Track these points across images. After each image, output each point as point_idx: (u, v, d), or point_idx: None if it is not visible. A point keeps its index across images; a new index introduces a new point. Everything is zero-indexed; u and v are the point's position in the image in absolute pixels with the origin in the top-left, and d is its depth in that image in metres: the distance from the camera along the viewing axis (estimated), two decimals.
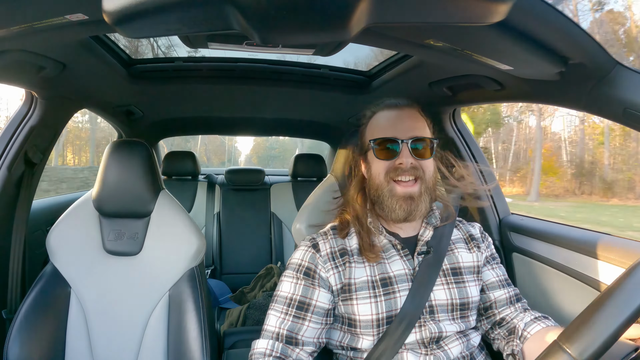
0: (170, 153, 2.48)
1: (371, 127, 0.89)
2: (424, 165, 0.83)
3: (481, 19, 0.51)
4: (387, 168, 0.83)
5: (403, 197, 0.81)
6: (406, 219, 0.83)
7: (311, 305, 0.81)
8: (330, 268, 0.83)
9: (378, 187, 0.84)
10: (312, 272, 0.83)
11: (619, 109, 0.74)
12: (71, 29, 0.71)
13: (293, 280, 0.83)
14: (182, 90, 1.56)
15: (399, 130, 0.83)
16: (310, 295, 0.81)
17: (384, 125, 0.86)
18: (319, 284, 0.82)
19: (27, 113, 1.16)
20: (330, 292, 0.83)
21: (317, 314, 0.81)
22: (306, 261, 0.84)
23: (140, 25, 0.51)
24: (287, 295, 0.82)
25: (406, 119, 0.85)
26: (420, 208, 0.82)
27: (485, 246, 0.92)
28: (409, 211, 0.82)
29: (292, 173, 2.47)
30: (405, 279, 0.82)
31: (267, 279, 2.00)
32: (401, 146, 0.82)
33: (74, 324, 1.03)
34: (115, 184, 1.07)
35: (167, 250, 1.08)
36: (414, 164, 0.81)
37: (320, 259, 0.84)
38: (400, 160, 0.81)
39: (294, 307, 0.81)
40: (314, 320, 0.80)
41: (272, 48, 0.98)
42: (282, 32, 0.53)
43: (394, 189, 0.82)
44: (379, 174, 0.84)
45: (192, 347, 1.01)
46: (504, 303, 0.88)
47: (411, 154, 0.81)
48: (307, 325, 0.80)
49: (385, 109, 0.89)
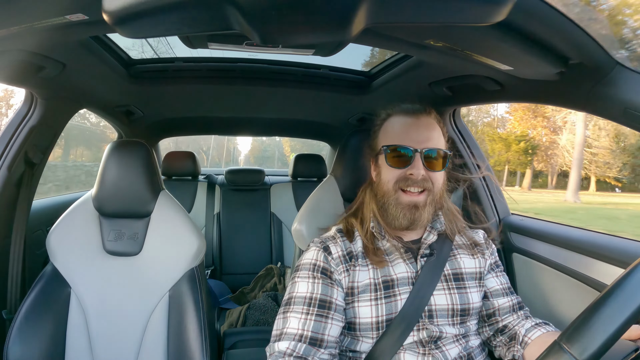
0: (170, 153, 2.48)
1: (385, 131, 0.88)
2: (433, 178, 0.82)
3: (481, 19, 0.51)
4: (398, 177, 0.82)
5: (408, 206, 0.81)
6: (408, 227, 0.83)
7: (332, 304, 0.79)
8: (342, 271, 0.82)
9: (385, 194, 0.84)
10: (328, 271, 0.82)
11: (619, 109, 0.74)
12: (71, 29, 0.71)
13: (310, 280, 0.80)
14: (182, 91, 1.56)
15: (414, 140, 0.82)
16: (330, 293, 0.79)
17: (398, 131, 0.85)
18: (336, 283, 0.81)
19: (27, 113, 1.16)
20: (343, 293, 0.82)
21: (339, 312, 0.79)
22: (321, 261, 0.83)
23: (140, 25, 0.51)
24: (305, 295, 0.79)
25: (422, 128, 0.84)
26: (423, 218, 0.82)
27: (490, 253, 0.92)
28: (411, 220, 0.82)
29: (292, 173, 2.46)
30: (407, 282, 0.82)
31: (267, 279, 2.00)
32: (414, 156, 0.81)
33: (74, 324, 1.03)
34: (115, 184, 1.07)
35: (167, 250, 1.08)
36: (425, 175, 0.81)
37: (333, 261, 0.83)
38: (411, 171, 0.81)
39: (315, 306, 0.77)
40: (336, 319, 0.78)
41: (272, 48, 0.98)
42: (282, 32, 0.53)
43: (400, 198, 0.82)
44: (388, 181, 0.83)
45: (192, 348, 1.01)
46: (507, 311, 0.88)
47: (424, 165, 0.81)
48: (330, 323, 0.77)
49: (401, 114, 0.87)
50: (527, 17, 0.59)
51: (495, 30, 0.62)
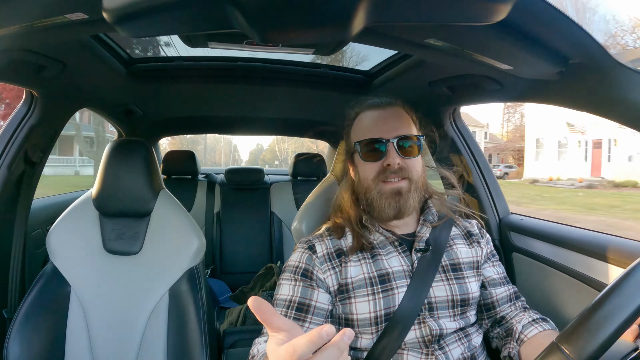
0: (170, 152, 2.48)
1: (355, 129, 0.89)
2: (410, 165, 0.82)
3: (481, 19, 0.51)
4: (376, 171, 0.82)
5: (391, 193, 0.81)
6: (396, 216, 0.83)
7: (311, 307, 0.80)
8: (327, 269, 0.83)
9: (367, 190, 0.84)
10: (309, 273, 0.82)
11: (619, 109, 0.74)
12: (71, 28, 0.71)
13: (291, 283, 0.82)
14: (182, 90, 1.56)
15: (383, 130, 0.82)
16: (309, 296, 0.80)
17: (368, 125, 0.86)
18: (317, 285, 0.81)
19: (27, 112, 1.16)
20: (329, 293, 0.82)
21: (318, 315, 0.80)
22: (303, 262, 0.84)
23: (141, 24, 0.51)
24: (286, 298, 0.81)
25: (391, 118, 0.85)
26: (409, 204, 0.82)
27: (485, 242, 0.92)
28: (397, 208, 0.81)
29: (292, 172, 2.46)
30: (404, 276, 0.82)
31: (266, 279, 2.00)
32: (387, 146, 0.81)
33: (73, 323, 1.03)
34: (115, 183, 1.07)
35: (167, 249, 1.08)
36: (401, 164, 0.81)
37: (317, 260, 0.83)
38: (387, 161, 0.81)
39: (293, 309, 0.79)
40: (314, 322, 0.79)
41: (272, 47, 0.98)
42: (282, 31, 0.53)
43: (382, 189, 0.82)
44: (367, 177, 0.84)
45: (192, 346, 1.01)
46: (505, 300, 0.89)
47: (398, 154, 0.81)
48: (307, 326, 0.78)
49: (368, 109, 0.88)
50: (527, 16, 0.59)
51: (495, 29, 0.62)
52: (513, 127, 29.48)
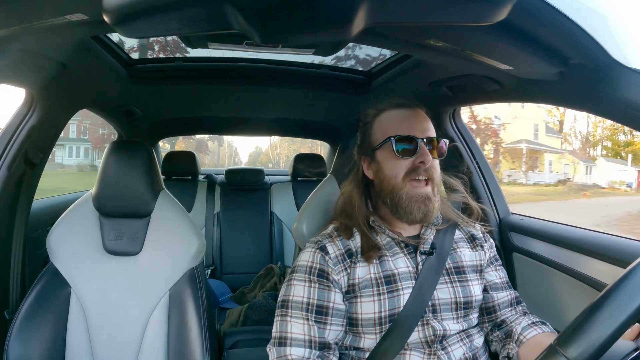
0: (170, 153, 2.48)
1: (381, 126, 0.87)
2: (435, 166, 0.83)
3: (481, 19, 0.51)
4: (407, 168, 0.81)
5: (421, 199, 0.81)
6: (422, 220, 0.82)
7: (330, 308, 0.79)
8: (341, 270, 0.82)
9: (394, 189, 0.82)
10: (325, 273, 0.81)
11: (619, 109, 0.74)
12: (71, 29, 0.71)
13: (306, 284, 0.80)
14: (182, 90, 1.56)
15: (416, 129, 0.82)
16: (327, 297, 0.79)
17: (399, 122, 0.85)
18: (333, 285, 0.80)
19: (27, 113, 1.16)
20: (342, 294, 0.81)
21: (336, 316, 0.79)
22: (317, 263, 0.82)
23: (140, 25, 0.51)
24: (302, 300, 0.79)
25: (419, 118, 0.85)
26: (435, 209, 0.82)
27: (489, 246, 0.92)
28: (425, 212, 0.81)
29: (292, 173, 2.46)
30: (409, 277, 0.81)
31: (267, 279, 2.00)
32: (420, 144, 0.81)
33: (74, 324, 1.03)
34: (115, 184, 1.07)
35: (167, 250, 1.08)
36: (431, 163, 0.81)
37: (330, 261, 0.82)
38: (421, 159, 0.80)
39: (313, 312, 0.78)
40: (334, 323, 0.79)
41: (272, 48, 0.98)
42: (282, 32, 0.53)
43: (411, 192, 0.81)
44: (397, 174, 0.82)
45: (192, 347, 1.01)
46: (506, 305, 0.89)
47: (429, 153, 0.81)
48: (329, 329, 0.78)
49: (395, 108, 0.88)
50: (527, 16, 0.59)
51: (495, 30, 0.62)
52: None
